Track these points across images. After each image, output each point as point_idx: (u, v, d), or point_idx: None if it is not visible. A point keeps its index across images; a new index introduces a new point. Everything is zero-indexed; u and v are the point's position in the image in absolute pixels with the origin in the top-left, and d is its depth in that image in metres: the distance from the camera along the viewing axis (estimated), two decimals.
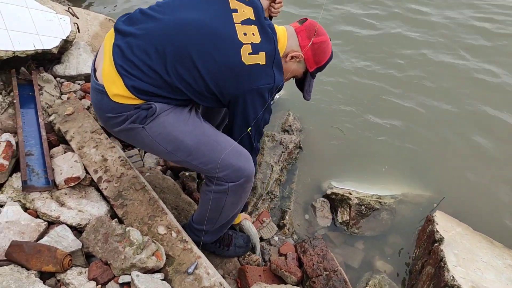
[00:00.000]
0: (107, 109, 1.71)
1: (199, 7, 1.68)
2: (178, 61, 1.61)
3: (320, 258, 2.35)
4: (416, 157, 3.27)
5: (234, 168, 1.76)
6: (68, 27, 2.99)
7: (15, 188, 2.00)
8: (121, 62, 1.62)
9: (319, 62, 1.84)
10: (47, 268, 1.66)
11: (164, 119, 1.70)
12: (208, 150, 1.75)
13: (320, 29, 1.81)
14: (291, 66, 1.83)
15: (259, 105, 1.71)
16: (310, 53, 1.80)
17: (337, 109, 3.66)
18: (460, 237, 2.38)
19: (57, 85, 2.84)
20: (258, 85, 1.65)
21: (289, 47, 1.80)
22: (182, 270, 1.80)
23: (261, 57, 1.65)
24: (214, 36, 1.61)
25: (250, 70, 1.63)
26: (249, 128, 1.77)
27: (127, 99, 1.65)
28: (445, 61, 4.27)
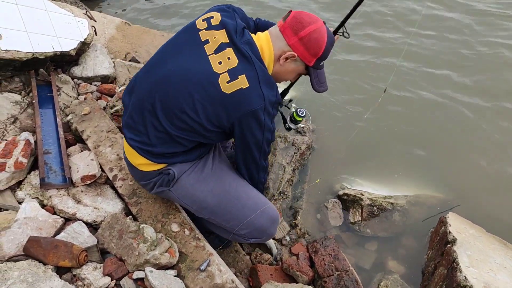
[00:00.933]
0: (139, 178, 1.91)
1: (173, 55, 1.68)
2: (169, 115, 1.65)
3: (332, 258, 2.36)
4: (429, 158, 3.25)
5: (255, 227, 1.86)
6: (86, 30, 3.06)
7: (33, 186, 2.05)
8: (130, 135, 1.77)
9: (316, 53, 1.66)
10: (64, 263, 1.71)
11: (185, 181, 1.81)
12: (230, 208, 1.84)
13: (306, 18, 1.63)
14: (289, 67, 1.72)
15: (256, 129, 1.64)
16: (302, 48, 1.64)
17: (350, 110, 3.65)
18: (473, 239, 2.36)
19: (75, 86, 2.90)
20: (248, 109, 1.57)
21: (278, 49, 1.67)
22: (194, 267, 1.82)
23: (242, 80, 1.56)
24: (190, 79, 1.59)
25: (235, 97, 1.56)
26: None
27: (149, 166, 1.79)
28: (466, 55, 4.23)
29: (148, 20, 5.04)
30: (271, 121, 1.67)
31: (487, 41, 4.43)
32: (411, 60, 4.23)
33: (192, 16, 4.90)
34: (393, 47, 4.40)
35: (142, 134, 1.73)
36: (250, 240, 1.92)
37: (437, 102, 3.74)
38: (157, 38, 4.33)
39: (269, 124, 1.65)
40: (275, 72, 1.73)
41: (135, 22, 4.58)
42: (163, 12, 5.22)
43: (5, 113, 2.40)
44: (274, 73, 1.74)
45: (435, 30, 4.61)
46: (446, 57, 4.26)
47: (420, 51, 4.37)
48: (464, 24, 4.68)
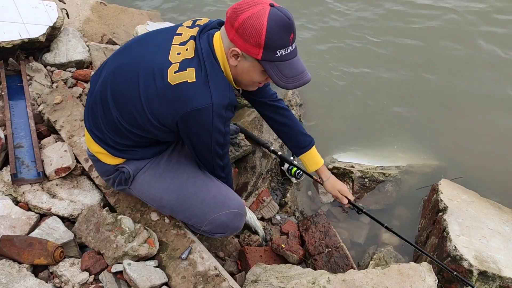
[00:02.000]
0: (101, 173, 1.86)
1: (139, 45, 1.58)
2: (118, 106, 1.55)
3: (323, 235, 2.30)
4: (421, 125, 3.17)
5: (217, 223, 1.76)
6: (55, 14, 2.91)
7: (5, 182, 1.98)
8: (88, 120, 1.70)
9: (258, 43, 1.36)
10: (39, 261, 1.65)
11: (142, 179, 1.74)
12: (188, 205, 1.75)
13: (242, 5, 1.38)
14: (243, 67, 1.48)
15: (202, 131, 1.49)
16: (241, 41, 1.38)
17: (337, 81, 3.54)
18: (465, 205, 2.30)
19: (48, 74, 2.79)
20: (191, 107, 1.41)
21: (226, 48, 1.46)
22: (176, 256, 1.77)
23: (190, 73, 1.40)
24: (142, 68, 1.48)
25: (177, 90, 1.41)
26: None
27: (106, 157, 1.71)
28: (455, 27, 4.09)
29: None
30: (223, 124, 1.50)
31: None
32: (399, 29, 4.09)
33: None
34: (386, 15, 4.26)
35: (97, 121, 1.65)
36: (215, 235, 1.84)
37: (426, 68, 3.63)
38: (135, 17, 4.18)
39: (218, 126, 1.49)
40: (233, 74, 1.53)
41: (112, 1, 4.40)
42: None
43: None
44: (234, 76, 1.54)
45: None
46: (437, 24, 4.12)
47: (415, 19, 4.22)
48: None
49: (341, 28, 4.10)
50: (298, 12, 4.26)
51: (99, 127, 1.64)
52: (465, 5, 4.24)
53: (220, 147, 1.60)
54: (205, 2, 4.57)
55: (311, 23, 4.14)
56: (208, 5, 4.52)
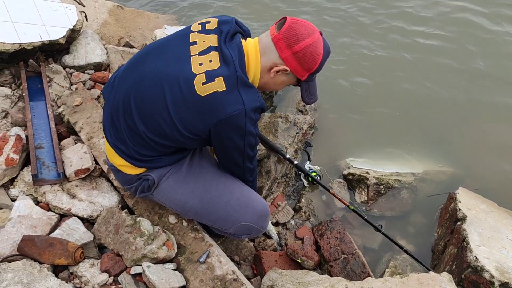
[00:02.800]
0: (122, 182, 1.85)
1: (156, 55, 1.59)
2: (143, 117, 1.56)
3: (338, 241, 2.29)
4: (438, 132, 3.14)
5: (243, 225, 1.77)
6: (75, 16, 2.95)
7: (26, 182, 2.00)
8: (110, 134, 1.69)
9: (310, 68, 1.55)
10: (59, 261, 1.66)
11: (166, 185, 1.73)
12: (213, 208, 1.75)
13: (302, 30, 1.50)
14: (279, 79, 1.62)
15: (235, 135, 1.52)
16: (296, 63, 1.53)
17: (353, 86, 3.53)
18: (484, 215, 2.28)
19: (67, 76, 2.82)
20: (225, 114, 1.44)
21: (268, 61, 1.55)
22: (194, 259, 1.77)
23: (219, 83, 1.44)
24: (166, 79, 1.50)
25: (209, 101, 1.44)
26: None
27: (129, 169, 1.71)
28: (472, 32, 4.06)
29: (142, 1, 4.87)
30: (253, 126, 1.54)
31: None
32: (416, 36, 4.08)
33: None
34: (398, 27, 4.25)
35: (120, 134, 1.65)
36: (241, 237, 1.85)
37: (443, 76, 3.60)
38: (151, 21, 4.21)
39: (251, 129, 1.52)
40: (263, 82, 1.62)
41: (128, 4, 4.44)
42: None
43: None
44: (263, 84, 1.63)
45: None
46: (450, 30, 4.10)
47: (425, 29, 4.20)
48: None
49: (359, 37, 4.08)
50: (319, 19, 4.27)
51: (123, 140, 1.64)
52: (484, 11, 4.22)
53: (251, 149, 1.63)
54: (218, 5, 4.59)
55: (330, 28, 4.14)
56: (227, 12, 4.54)
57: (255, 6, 4.56)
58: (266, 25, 4.23)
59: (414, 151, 3.01)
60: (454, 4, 4.39)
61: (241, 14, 4.42)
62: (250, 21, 4.26)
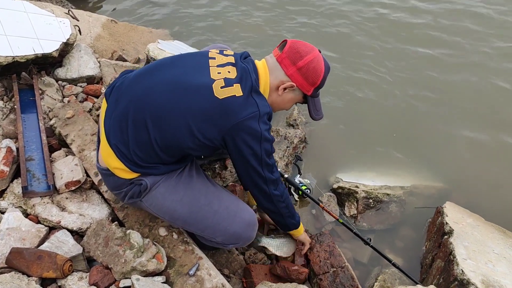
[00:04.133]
0: (113, 188, 1.83)
1: (174, 64, 1.67)
2: (159, 123, 1.59)
3: (327, 254, 2.31)
4: (426, 146, 3.19)
5: (230, 233, 1.79)
6: (68, 30, 2.98)
7: (16, 194, 2.00)
8: (112, 136, 1.68)
9: (314, 82, 1.70)
10: (48, 274, 1.66)
11: (156, 191, 1.74)
12: (201, 217, 1.77)
13: (303, 48, 1.67)
14: (287, 97, 1.75)
15: (251, 139, 1.56)
16: (301, 78, 1.68)
17: (343, 101, 3.58)
18: (471, 229, 2.31)
19: (59, 89, 2.83)
20: (241, 117, 1.51)
21: (275, 79, 1.69)
22: (183, 272, 1.78)
23: (236, 88, 1.53)
24: (184, 85, 1.56)
25: (227, 104, 1.52)
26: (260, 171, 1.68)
27: (124, 172, 1.70)
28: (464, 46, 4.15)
29: (135, 16, 4.91)
30: (268, 131, 1.60)
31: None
32: (409, 51, 4.16)
33: (181, 9, 4.81)
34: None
35: (125, 137, 1.64)
36: (229, 246, 1.87)
37: (431, 90, 3.67)
38: (145, 35, 4.25)
39: (266, 135, 1.58)
40: (272, 101, 1.73)
41: (122, 19, 4.48)
42: (151, 7, 5.10)
43: None
44: (271, 103, 1.72)
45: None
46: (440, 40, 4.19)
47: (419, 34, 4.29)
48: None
49: (349, 50, 4.16)
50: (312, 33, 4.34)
51: (126, 143, 1.64)
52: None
53: (268, 157, 1.65)
54: (209, 23, 4.64)
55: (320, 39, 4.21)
56: (217, 28, 4.60)
57: (249, 22, 4.63)
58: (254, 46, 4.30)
59: (403, 165, 3.05)
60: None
61: (232, 33, 4.49)
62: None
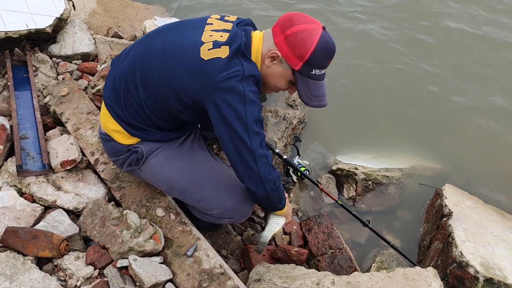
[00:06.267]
0: (111, 153, 1.82)
1: (173, 29, 1.64)
2: (146, 83, 1.57)
3: (326, 236, 2.30)
4: (426, 128, 3.17)
5: (227, 206, 1.76)
6: (62, 5, 2.89)
7: (10, 173, 1.96)
8: (109, 98, 1.69)
9: (302, 56, 1.47)
10: (44, 253, 1.64)
11: (154, 160, 1.72)
12: (200, 188, 1.74)
13: (298, 18, 1.49)
14: (275, 70, 1.56)
15: (234, 100, 1.44)
16: (287, 48, 1.48)
17: (344, 82, 3.53)
18: (470, 211, 2.30)
19: (53, 66, 2.77)
20: (222, 76, 1.42)
21: (265, 48, 1.54)
22: (181, 252, 1.76)
23: (223, 50, 1.46)
24: (176, 47, 1.54)
25: (210, 64, 1.45)
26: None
27: (121, 136, 1.69)
28: (463, 28, 4.09)
29: None
30: (253, 94, 1.47)
31: None
32: (402, 28, 4.10)
33: None
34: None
35: (119, 97, 1.65)
36: (224, 220, 1.82)
37: (430, 73, 3.63)
38: (141, 12, 4.16)
39: (251, 96, 1.45)
40: (263, 74, 1.58)
41: None
42: None
43: None
44: (263, 76, 1.59)
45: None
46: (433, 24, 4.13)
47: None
48: None
49: (354, 31, 4.09)
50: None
51: (120, 104, 1.64)
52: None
53: (255, 123, 1.50)
54: None
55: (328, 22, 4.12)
56: (217, 4, 4.50)
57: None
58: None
59: (403, 147, 3.03)
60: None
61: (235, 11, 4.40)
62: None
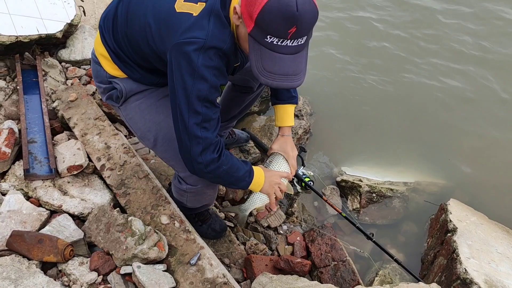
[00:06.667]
0: (95, 77, 1.77)
1: None
2: (132, 15, 1.52)
3: (329, 247, 2.30)
4: (431, 142, 3.16)
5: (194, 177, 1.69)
6: (73, 11, 2.93)
7: (17, 177, 1.98)
8: (102, 22, 1.65)
9: (251, 15, 1.22)
10: (48, 258, 1.64)
11: (135, 105, 1.68)
12: (172, 145, 1.61)
13: None
14: (241, 31, 1.35)
15: (185, 69, 1.34)
16: (243, 3, 1.26)
17: (350, 94, 3.54)
18: (474, 227, 2.29)
19: (62, 70, 2.79)
20: (181, 38, 1.32)
21: (237, 5, 1.32)
22: (185, 261, 1.76)
23: (198, 7, 1.34)
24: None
25: (180, 18, 1.35)
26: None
27: (107, 63, 1.64)
28: (468, 41, 4.09)
29: None
30: (209, 71, 1.35)
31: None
32: (411, 43, 4.10)
33: None
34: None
35: (109, 26, 1.61)
36: (185, 186, 1.77)
37: (438, 87, 3.63)
38: None
39: (203, 71, 1.33)
40: (236, 35, 1.41)
41: None
42: None
43: None
44: (237, 37, 1.42)
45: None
46: (444, 41, 4.13)
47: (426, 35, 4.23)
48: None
49: (366, 43, 4.09)
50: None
51: (109, 29, 1.61)
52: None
53: (200, 101, 1.38)
54: None
55: (335, 31, 4.12)
56: None
57: None
58: None
59: (408, 161, 3.03)
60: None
61: None
62: None
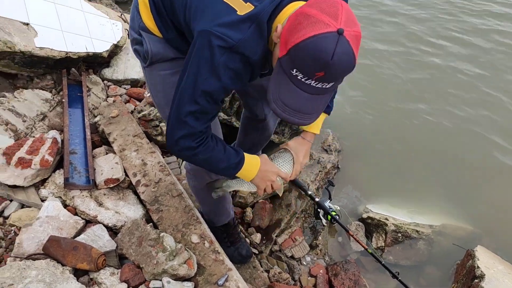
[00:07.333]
0: (130, 19, 1.63)
1: None
2: None
3: (352, 283, 2.28)
4: (459, 186, 3.14)
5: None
6: (120, 33, 3.08)
7: (57, 184, 2.05)
8: None
9: (287, 42, 1.14)
10: (82, 265, 1.68)
11: (161, 74, 1.59)
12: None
13: (325, 3, 1.11)
14: (276, 50, 1.25)
15: (205, 61, 1.24)
16: (286, 26, 1.17)
17: (380, 133, 3.57)
18: (502, 275, 2.25)
19: (104, 88, 2.92)
20: (217, 30, 1.20)
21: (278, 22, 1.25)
22: (212, 281, 1.77)
23: (245, 7, 1.23)
24: None
25: (222, 7, 1.24)
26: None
27: (144, 9, 1.49)
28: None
29: None
30: (228, 74, 1.26)
31: None
32: (441, 83, 4.15)
33: None
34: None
35: None
36: (188, 166, 1.81)
37: (467, 129, 3.63)
38: None
39: (219, 70, 1.25)
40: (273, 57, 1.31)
41: None
42: None
43: (34, 110, 2.41)
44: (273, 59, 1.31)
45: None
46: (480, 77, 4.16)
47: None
48: None
49: (397, 84, 4.16)
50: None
51: None
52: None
53: (204, 95, 1.30)
54: None
55: (365, 74, 4.20)
56: None
57: None
58: None
59: (435, 204, 3.00)
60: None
61: None
62: None
